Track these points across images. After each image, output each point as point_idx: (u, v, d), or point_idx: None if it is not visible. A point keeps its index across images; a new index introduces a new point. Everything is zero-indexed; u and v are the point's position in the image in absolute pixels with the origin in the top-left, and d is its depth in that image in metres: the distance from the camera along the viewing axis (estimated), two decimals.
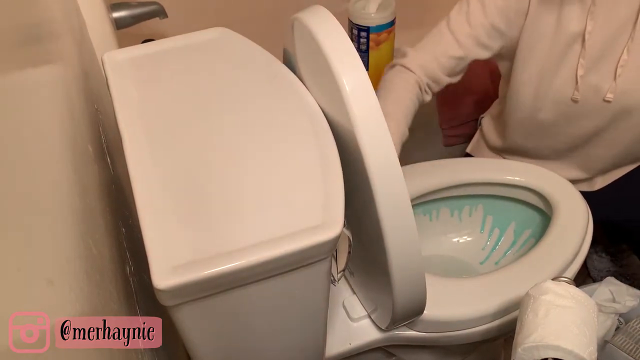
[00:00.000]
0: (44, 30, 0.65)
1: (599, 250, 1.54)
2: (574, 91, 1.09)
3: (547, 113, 1.14)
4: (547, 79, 1.10)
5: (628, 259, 1.51)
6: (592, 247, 1.46)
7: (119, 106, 0.71)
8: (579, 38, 1.04)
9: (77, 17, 0.97)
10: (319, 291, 0.66)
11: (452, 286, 0.98)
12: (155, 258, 0.54)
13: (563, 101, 1.11)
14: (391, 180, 0.67)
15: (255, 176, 0.63)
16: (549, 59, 1.08)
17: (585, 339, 0.69)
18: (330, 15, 0.70)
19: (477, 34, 1.06)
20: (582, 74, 1.06)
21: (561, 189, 1.13)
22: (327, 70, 0.66)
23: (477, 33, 1.05)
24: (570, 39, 1.05)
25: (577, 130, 1.16)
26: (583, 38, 1.04)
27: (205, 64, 0.78)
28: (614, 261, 1.52)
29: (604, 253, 1.53)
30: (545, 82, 1.11)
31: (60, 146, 0.55)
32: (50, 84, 0.60)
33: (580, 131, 1.15)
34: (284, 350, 0.73)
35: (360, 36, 1.40)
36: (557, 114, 1.14)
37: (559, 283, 0.75)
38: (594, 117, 1.11)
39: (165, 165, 0.64)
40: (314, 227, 0.57)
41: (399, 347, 1.00)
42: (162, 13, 1.29)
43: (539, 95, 1.13)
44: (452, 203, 1.23)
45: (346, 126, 0.67)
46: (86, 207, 0.56)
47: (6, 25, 0.47)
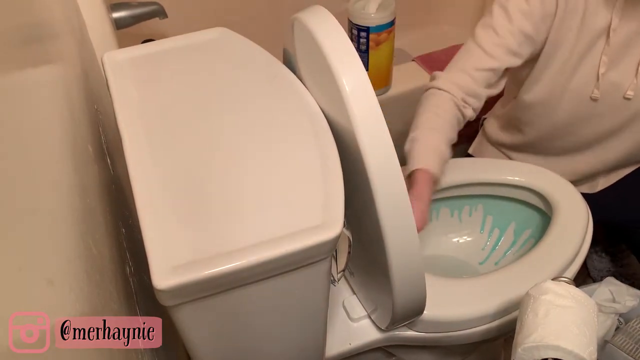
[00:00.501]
0: (44, 30, 0.65)
1: (599, 250, 1.54)
2: (593, 89, 1.08)
3: (563, 113, 1.13)
4: (566, 78, 1.09)
5: (628, 259, 1.51)
6: (592, 247, 1.46)
7: (118, 106, 0.71)
8: (603, 34, 1.03)
9: (77, 17, 0.97)
10: (319, 291, 0.66)
11: (452, 286, 0.98)
12: (155, 258, 0.54)
13: (581, 100, 1.10)
14: (391, 180, 0.67)
15: (255, 176, 0.63)
16: (571, 58, 1.07)
17: (585, 339, 0.70)
18: (330, 16, 0.70)
19: (506, 42, 1.03)
20: (604, 72, 1.06)
21: (561, 189, 1.13)
22: (327, 71, 0.66)
23: (506, 41, 1.03)
24: (594, 36, 1.04)
25: (592, 129, 1.15)
26: (607, 34, 1.03)
27: (205, 64, 0.78)
28: (614, 261, 1.52)
29: (604, 253, 1.53)
30: (563, 81, 1.09)
31: (60, 146, 0.55)
32: (50, 84, 0.60)
33: (596, 130, 1.15)
34: (284, 350, 0.73)
35: (360, 36, 1.40)
36: (574, 113, 1.13)
37: (559, 283, 0.75)
38: (612, 115, 1.10)
39: (165, 165, 0.64)
40: (314, 227, 0.57)
41: (399, 347, 1.00)
42: (162, 13, 1.29)
43: (555, 95, 1.11)
44: (452, 203, 1.23)
45: (346, 126, 0.67)
46: (86, 207, 0.56)
47: (6, 25, 0.47)
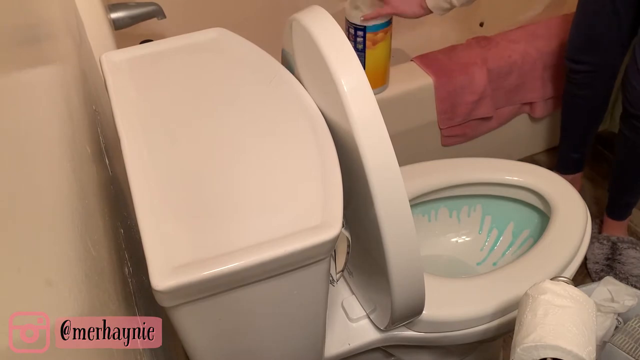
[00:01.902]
0: (42, 30, 0.65)
1: (600, 238, 1.54)
2: None
3: None
4: None
5: (625, 251, 1.51)
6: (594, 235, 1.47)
7: (117, 107, 0.70)
8: None
9: (75, 17, 0.96)
10: (318, 291, 0.66)
11: (450, 286, 0.98)
12: (153, 259, 0.54)
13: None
14: (390, 180, 0.67)
15: (254, 177, 0.63)
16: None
17: (583, 338, 0.70)
18: (328, 16, 0.70)
19: None
20: None
21: (560, 189, 1.13)
22: (325, 71, 0.66)
23: None
24: None
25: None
26: None
27: (203, 65, 0.78)
28: (613, 249, 1.53)
29: (606, 240, 1.53)
30: None
31: (59, 147, 0.55)
32: (48, 84, 0.60)
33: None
34: (283, 350, 0.73)
35: (357, 35, 1.40)
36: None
37: (558, 283, 0.75)
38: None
39: (163, 165, 0.64)
40: (313, 228, 0.57)
41: (398, 347, 1.00)
42: (160, 14, 1.29)
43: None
44: (450, 203, 1.24)
45: (345, 126, 0.67)
46: (85, 208, 0.56)
47: (4, 25, 0.47)
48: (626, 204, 1.51)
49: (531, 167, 1.18)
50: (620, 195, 1.50)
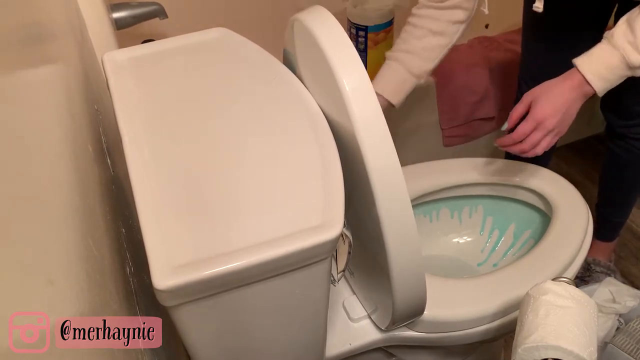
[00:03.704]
0: (44, 30, 0.65)
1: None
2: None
3: None
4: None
5: (595, 275, 1.47)
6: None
7: (119, 107, 0.71)
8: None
9: (77, 17, 0.96)
10: (319, 291, 0.66)
11: (452, 287, 0.98)
12: (155, 258, 0.54)
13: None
14: (391, 180, 0.67)
15: (255, 176, 0.63)
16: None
17: (585, 339, 0.70)
18: (330, 16, 0.70)
19: None
20: None
21: (561, 190, 1.13)
22: (327, 71, 0.66)
23: None
24: None
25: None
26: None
27: (205, 65, 0.78)
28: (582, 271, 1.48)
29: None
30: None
31: (61, 146, 0.55)
32: (50, 84, 0.60)
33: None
34: (284, 350, 0.73)
35: (359, 35, 1.40)
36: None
37: (559, 283, 0.75)
38: None
39: (165, 165, 0.64)
40: (314, 228, 0.57)
41: (399, 347, 1.00)
42: (162, 13, 1.29)
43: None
44: (452, 204, 1.23)
45: (346, 126, 0.67)
46: (86, 207, 0.56)
47: (6, 25, 0.47)
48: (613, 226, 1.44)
49: (533, 167, 1.18)
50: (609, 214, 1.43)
